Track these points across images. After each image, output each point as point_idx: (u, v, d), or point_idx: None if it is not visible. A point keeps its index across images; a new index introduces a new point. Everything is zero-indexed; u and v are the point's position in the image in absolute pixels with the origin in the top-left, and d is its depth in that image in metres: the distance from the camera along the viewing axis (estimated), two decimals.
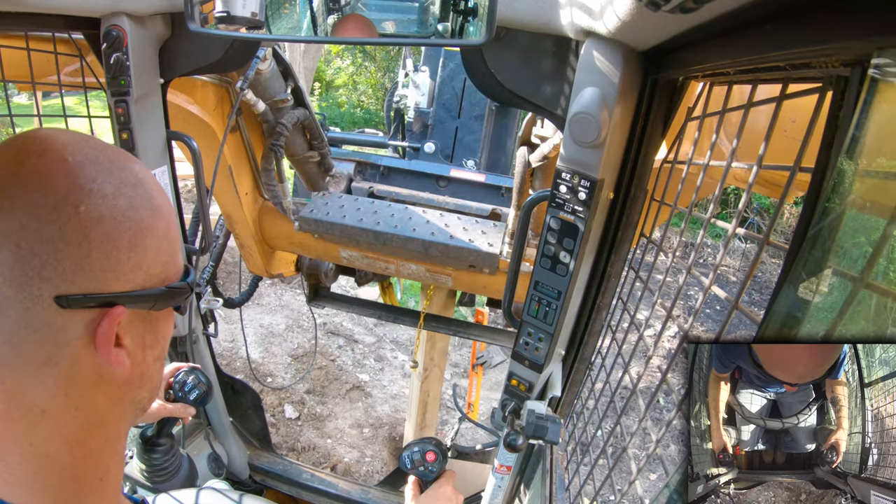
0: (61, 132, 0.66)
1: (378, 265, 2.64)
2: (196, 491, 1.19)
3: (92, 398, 0.64)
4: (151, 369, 0.71)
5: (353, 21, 1.41)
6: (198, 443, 2.52)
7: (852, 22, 0.57)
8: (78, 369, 0.62)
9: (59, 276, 0.59)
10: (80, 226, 0.59)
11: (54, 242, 0.58)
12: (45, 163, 0.61)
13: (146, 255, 0.65)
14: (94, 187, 0.62)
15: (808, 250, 0.67)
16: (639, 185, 1.33)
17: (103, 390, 0.65)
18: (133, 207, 0.64)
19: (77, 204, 0.60)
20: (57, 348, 0.60)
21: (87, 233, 0.60)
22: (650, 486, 3.78)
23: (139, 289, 0.65)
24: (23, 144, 0.62)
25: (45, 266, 0.58)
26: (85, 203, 0.60)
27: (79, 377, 0.62)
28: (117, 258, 0.62)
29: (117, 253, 0.62)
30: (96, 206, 0.61)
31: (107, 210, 0.61)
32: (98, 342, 0.62)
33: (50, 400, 0.61)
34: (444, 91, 3.69)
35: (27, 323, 0.59)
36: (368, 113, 14.82)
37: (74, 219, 0.59)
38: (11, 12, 1.37)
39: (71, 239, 0.59)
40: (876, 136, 0.58)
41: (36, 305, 0.58)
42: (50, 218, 0.58)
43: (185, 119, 2.02)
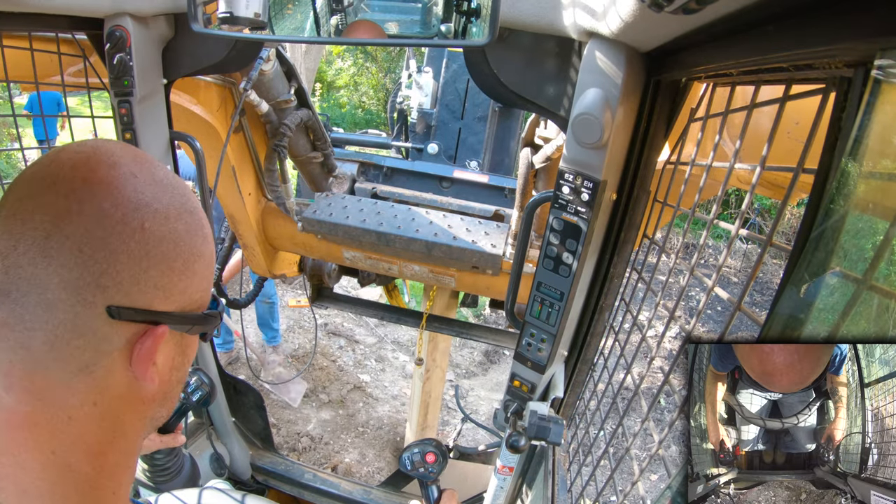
0: (128, 147, 0.68)
1: (381, 266, 2.64)
2: (198, 491, 1.19)
3: (118, 410, 0.64)
4: (174, 390, 0.72)
5: (358, 22, 1.41)
6: (200, 443, 2.53)
7: (855, 23, 0.57)
8: (110, 380, 0.62)
9: (115, 286, 0.59)
10: (143, 241, 0.61)
11: (117, 254, 0.59)
12: (116, 175, 0.62)
13: (193, 280, 0.67)
14: (160, 208, 0.63)
15: (811, 252, 0.67)
16: (641, 186, 1.33)
17: (129, 404, 0.65)
18: (189, 233, 0.66)
19: (143, 220, 0.61)
20: (97, 356, 0.60)
21: (148, 249, 0.61)
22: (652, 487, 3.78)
23: (182, 311, 0.66)
24: (94, 153, 0.63)
25: (103, 274, 0.59)
26: (150, 221, 0.62)
27: (109, 388, 0.62)
28: (170, 279, 0.63)
29: (171, 274, 0.63)
30: (160, 226, 0.62)
31: (168, 231, 0.63)
32: (137, 357, 0.62)
33: (78, 408, 0.61)
34: (447, 92, 3.69)
35: (74, 326, 0.58)
36: (370, 114, 14.82)
37: (139, 234, 0.61)
38: (15, 12, 1.37)
39: (133, 253, 0.60)
40: (879, 138, 0.58)
41: (87, 311, 0.59)
42: (116, 229, 0.59)
43: (189, 119, 2.02)
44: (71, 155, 0.63)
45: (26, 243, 0.58)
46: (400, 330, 7.05)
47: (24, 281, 0.57)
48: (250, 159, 2.45)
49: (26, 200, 0.60)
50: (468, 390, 6.35)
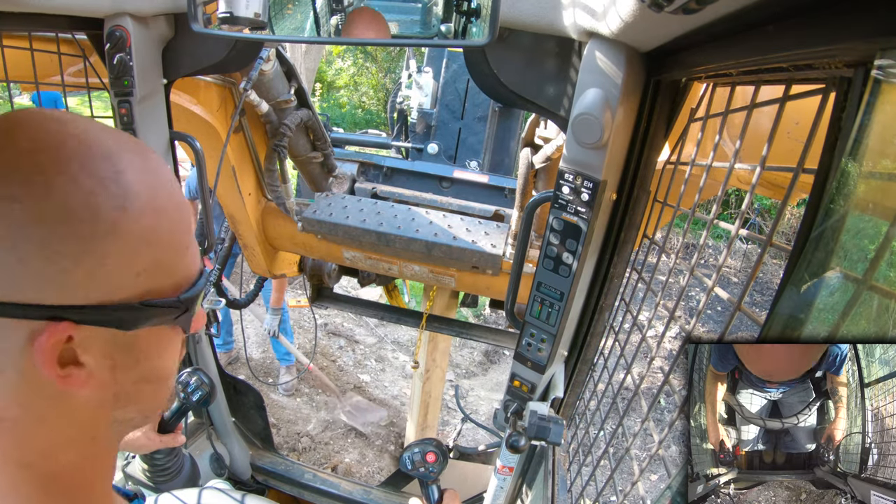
0: (32, 111, 0.56)
1: (381, 266, 2.64)
2: (198, 491, 1.19)
3: (54, 414, 0.56)
4: (136, 391, 0.61)
5: (357, 21, 1.41)
6: (200, 443, 2.53)
7: (855, 23, 0.57)
8: (30, 382, 0.53)
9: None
10: (14, 225, 0.50)
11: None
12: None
13: (104, 264, 0.53)
14: (40, 180, 0.51)
15: (811, 252, 0.67)
16: (641, 186, 1.33)
17: (67, 408, 0.57)
18: (89, 206, 0.52)
19: (13, 199, 0.50)
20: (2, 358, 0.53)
21: (23, 233, 0.50)
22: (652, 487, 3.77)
23: (96, 303, 0.54)
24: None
25: None
26: (22, 199, 0.50)
27: (33, 390, 0.54)
28: (60, 265, 0.51)
29: (60, 259, 0.51)
30: (36, 203, 0.50)
31: (51, 209, 0.51)
32: (37, 358, 0.52)
33: (5, 409, 0.54)
34: (447, 92, 3.69)
35: None
36: (370, 114, 14.82)
37: (8, 217, 0.50)
38: (15, 12, 1.37)
39: (2, 240, 0.50)
40: (879, 138, 0.58)
41: None
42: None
43: (189, 120, 2.02)
44: None
45: None
46: (400, 330, 7.05)
47: None
48: (250, 159, 2.45)
49: None
50: (468, 390, 6.35)
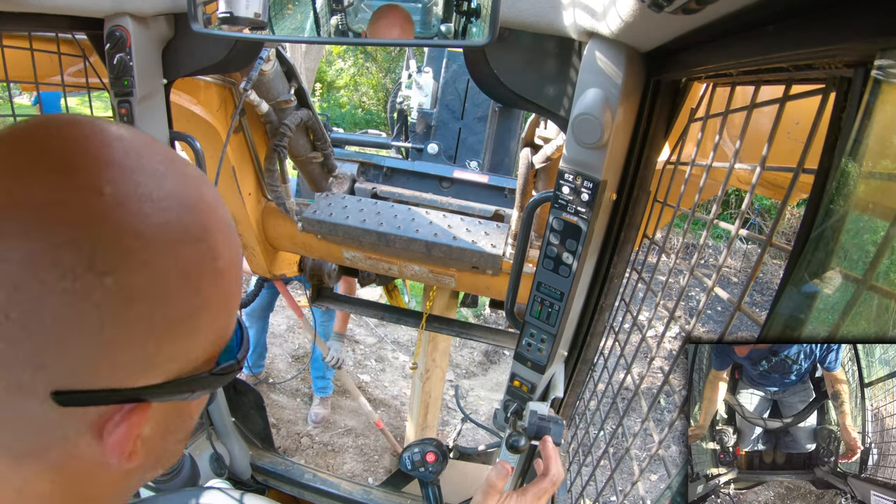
0: (100, 128, 0.45)
1: (381, 266, 2.64)
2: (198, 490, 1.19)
3: (86, 486, 0.49)
4: (171, 451, 0.55)
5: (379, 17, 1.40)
6: (200, 443, 2.53)
7: (855, 23, 0.57)
8: (76, 463, 0.46)
9: (61, 365, 0.41)
10: (103, 304, 0.40)
11: (60, 322, 0.40)
12: (66, 192, 0.40)
13: (196, 338, 0.47)
14: (137, 246, 0.41)
15: (811, 252, 0.67)
16: (641, 186, 1.33)
17: (103, 478, 0.49)
18: (187, 275, 0.44)
19: (104, 271, 0.40)
20: (49, 443, 0.44)
21: (112, 314, 0.41)
22: (652, 487, 3.78)
23: (175, 378, 0.47)
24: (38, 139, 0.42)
25: (41, 351, 0.40)
26: (118, 271, 0.41)
27: (72, 469, 0.46)
28: (150, 347, 0.44)
29: (151, 340, 0.44)
30: (132, 278, 0.41)
31: (148, 282, 0.42)
32: (109, 445, 0.45)
33: (30, 483, 0.46)
34: (447, 92, 3.69)
35: (11, 411, 0.42)
36: (370, 114, 14.82)
37: (98, 293, 0.40)
38: (15, 12, 1.37)
39: (86, 321, 0.40)
40: (879, 138, 0.58)
41: (25, 396, 0.41)
42: (60, 286, 0.39)
43: (189, 120, 2.02)
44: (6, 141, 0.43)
45: None
46: (400, 330, 7.05)
47: None
48: (250, 159, 2.45)
49: None
50: (468, 390, 6.34)
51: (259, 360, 5.05)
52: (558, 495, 1.63)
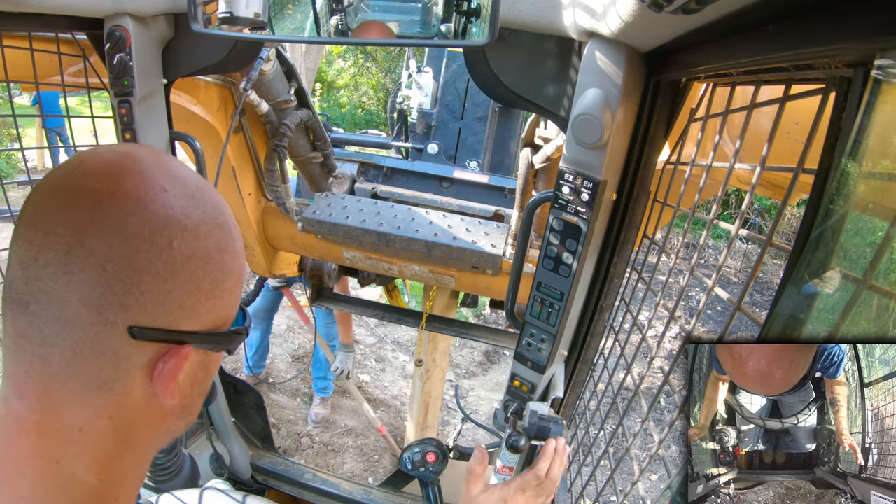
0: (160, 156, 0.65)
1: (381, 266, 2.64)
2: (198, 491, 1.19)
3: (133, 424, 0.62)
4: (195, 403, 0.70)
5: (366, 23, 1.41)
6: (200, 443, 2.53)
7: (855, 23, 0.57)
8: (129, 396, 0.60)
9: (138, 306, 0.57)
10: (170, 261, 0.58)
11: (141, 273, 0.57)
12: (145, 188, 0.59)
13: (221, 299, 0.65)
14: (190, 224, 0.60)
15: (811, 252, 0.67)
16: (642, 186, 1.33)
17: (146, 418, 0.64)
18: (219, 250, 0.63)
19: (171, 239, 0.58)
20: (116, 374, 0.59)
21: (175, 269, 0.59)
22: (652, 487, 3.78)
23: (209, 330, 0.64)
24: (122, 161, 0.60)
25: (126, 294, 0.56)
26: (179, 239, 0.59)
27: (127, 403, 0.61)
28: (197, 299, 0.61)
29: (198, 294, 0.61)
30: (188, 245, 0.60)
31: (197, 250, 0.61)
32: (158, 376, 0.61)
33: (92, 420, 0.59)
34: (447, 92, 3.68)
35: (94, 344, 0.57)
36: (370, 114, 14.82)
37: (167, 253, 0.58)
38: (15, 12, 1.37)
39: (159, 273, 0.58)
40: (879, 138, 0.59)
41: (108, 330, 0.57)
42: (143, 247, 0.57)
43: (189, 120, 2.02)
44: (97, 162, 0.60)
45: (47, 256, 0.55)
46: (400, 330, 7.05)
47: (43, 295, 0.56)
48: (250, 159, 2.45)
49: (49, 208, 0.57)
50: (468, 390, 6.34)
51: (260, 360, 5.04)
52: (558, 495, 1.63)
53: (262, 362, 5.09)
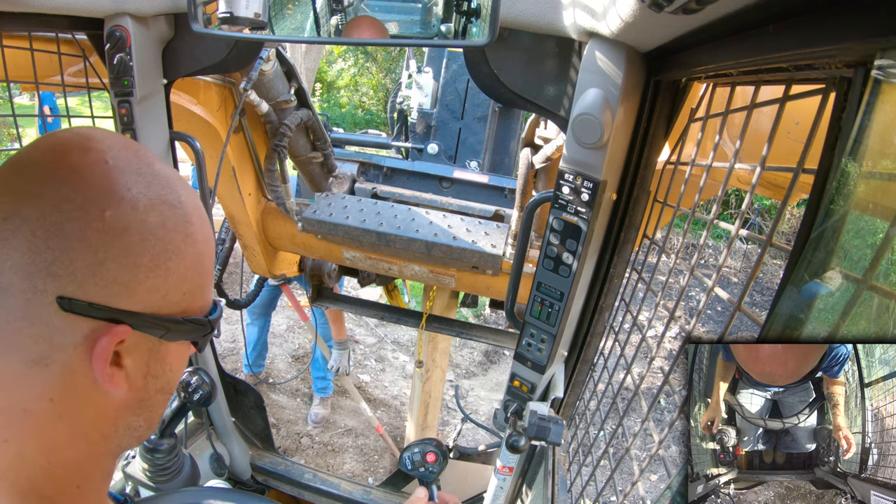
0: (114, 136, 0.64)
1: (381, 266, 2.64)
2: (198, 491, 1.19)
3: (80, 411, 0.61)
4: (153, 399, 0.67)
5: (358, 21, 1.41)
6: (200, 443, 2.53)
7: (855, 23, 0.57)
8: (70, 378, 0.58)
9: (68, 276, 0.56)
10: (102, 230, 0.57)
11: (71, 241, 0.56)
12: (85, 160, 0.59)
13: (167, 280, 0.62)
14: (128, 196, 0.59)
15: (811, 252, 0.67)
16: (642, 186, 1.33)
17: (95, 406, 0.61)
18: (164, 227, 0.61)
19: (105, 208, 0.57)
20: (51, 349, 0.57)
21: (107, 240, 0.57)
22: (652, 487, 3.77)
23: (152, 313, 0.61)
24: (69, 138, 0.61)
25: (55, 262, 0.55)
26: (113, 209, 0.58)
27: (70, 385, 0.59)
28: (134, 275, 0.59)
29: (135, 269, 0.59)
30: (124, 216, 0.58)
31: (135, 222, 0.59)
32: (94, 356, 0.58)
33: (34, 401, 0.58)
34: (447, 92, 3.68)
35: (25, 314, 0.56)
36: (370, 114, 14.83)
37: (98, 222, 0.57)
38: (15, 12, 1.37)
39: (89, 242, 0.56)
40: (879, 138, 0.58)
41: (38, 298, 0.56)
42: (73, 215, 0.56)
43: (189, 119, 2.02)
44: (52, 140, 0.61)
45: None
46: (400, 330, 7.05)
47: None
48: (250, 159, 2.45)
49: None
50: (468, 390, 6.35)
51: (259, 359, 5.03)
52: (558, 495, 1.63)
53: (261, 361, 5.07)
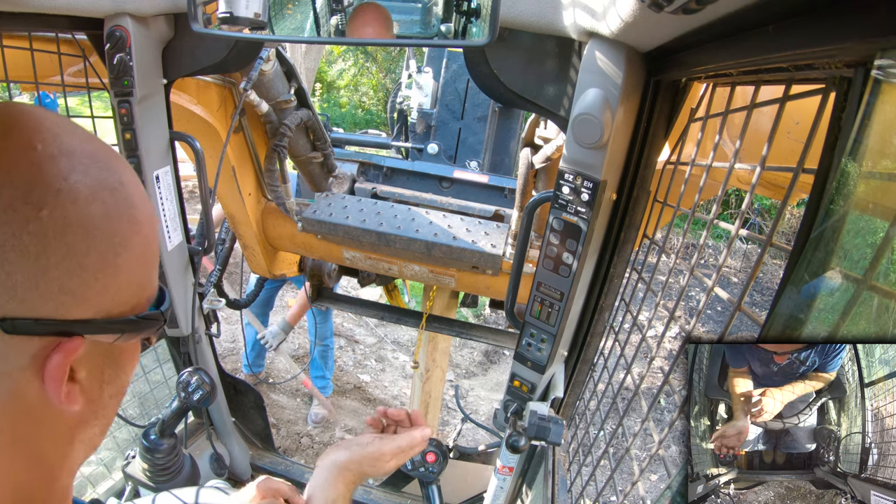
0: (34, 109, 0.54)
1: (381, 266, 2.64)
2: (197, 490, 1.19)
3: (33, 435, 0.53)
4: (108, 406, 0.59)
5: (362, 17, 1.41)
6: (200, 443, 2.53)
7: (855, 23, 0.57)
8: (19, 403, 0.50)
9: (6, 293, 0.47)
10: (40, 233, 0.48)
11: (4, 251, 0.46)
12: (8, 145, 0.49)
13: (117, 278, 0.53)
14: (65, 187, 0.49)
15: (811, 252, 0.67)
16: (641, 186, 1.33)
17: (49, 429, 0.54)
18: (108, 217, 0.52)
19: (41, 205, 0.48)
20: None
21: (47, 243, 0.48)
22: (652, 487, 3.77)
23: (104, 317, 0.53)
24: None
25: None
26: (50, 206, 0.48)
27: (19, 411, 0.51)
28: (82, 278, 0.50)
29: (82, 272, 0.50)
30: (63, 212, 0.49)
31: (76, 218, 0.50)
32: (47, 377, 0.50)
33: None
34: (447, 92, 3.68)
35: None
36: (370, 114, 14.82)
37: (34, 224, 0.47)
38: (15, 12, 1.37)
39: (26, 249, 0.47)
40: (879, 138, 0.58)
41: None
42: (2, 218, 0.46)
43: (189, 120, 2.02)
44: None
45: None
46: (400, 330, 7.05)
47: None
48: (250, 159, 2.45)
49: None
50: (468, 390, 6.34)
51: (258, 359, 5.02)
52: (558, 495, 1.63)
53: (260, 361, 5.07)
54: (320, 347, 4.86)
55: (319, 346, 4.84)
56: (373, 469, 1.15)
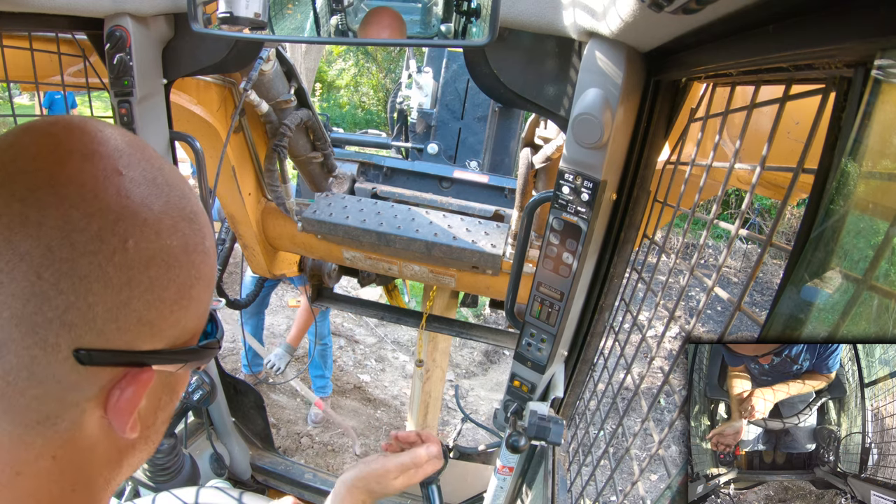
0: (113, 130, 0.52)
1: (381, 266, 2.64)
2: (197, 490, 1.19)
3: (85, 462, 0.51)
4: (159, 431, 0.59)
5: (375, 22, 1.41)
6: (200, 443, 2.53)
7: (855, 23, 0.57)
8: (79, 432, 0.49)
9: (85, 324, 0.45)
10: (125, 266, 0.46)
11: (88, 282, 0.45)
12: (92, 170, 0.47)
13: (189, 310, 0.53)
14: (150, 218, 0.48)
15: (811, 252, 0.67)
16: (642, 186, 1.33)
17: (100, 456, 0.52)
18: (186, 249, 0.51)
19: (127, 236, 0.46)
20: (61, 408, 0.47)
21: (132, 276, 0.47)
22: (652, 487, 3.77)
23: (173, 347, 0.53)
24: (66, 136, 0.48)
25: (69, 309, 0.44)
26: (136, 237, 0.47)
27: (76, 441, 0.49)
28: (159, 311, 0.49)
29: (160, 305, 0.49)
30: (148, 244, 0.48)
31: (159, 249, 0.49)
32: (115, 409, 0.49)
33: (31, 463, 0.48)
34: (447, 92, 3.68)
35: (31, 374, 0.45)
36: (370, 114, 14.84)
37: (120, 255, 0.46)
38: (15, 12, 1.37)
39: (110, 281, 0.46)
40: (879, 138, 0.58)
41: (48, 355, 0.45)
42: (89, 248, 0.45)
43: (189, 119, 2.02)
44: (36, 138, 0.48)
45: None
46: (400, 330, 7.05)
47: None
48: (250, 159, 2.45)
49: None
50: (468, 390, 6.35)
51: (257, 358, 5.02)
52: (558, 495, 1.63)
53: (259, 360, 5.06)
54: (319, 347, 4.87)
55: (318, 345, 4.85)
56: (379, 486, 1.18)
